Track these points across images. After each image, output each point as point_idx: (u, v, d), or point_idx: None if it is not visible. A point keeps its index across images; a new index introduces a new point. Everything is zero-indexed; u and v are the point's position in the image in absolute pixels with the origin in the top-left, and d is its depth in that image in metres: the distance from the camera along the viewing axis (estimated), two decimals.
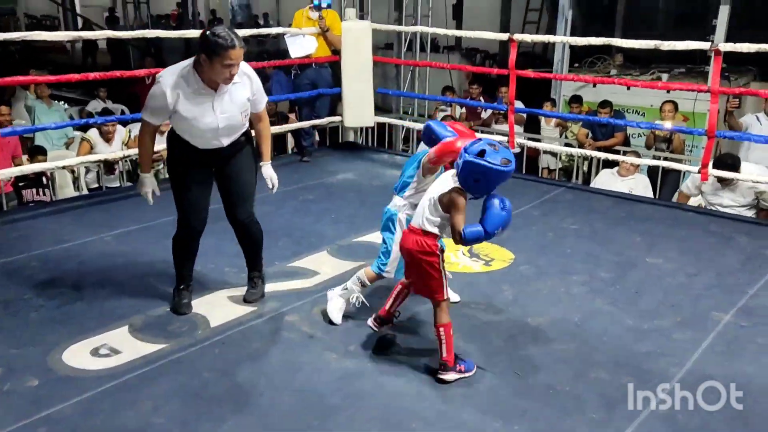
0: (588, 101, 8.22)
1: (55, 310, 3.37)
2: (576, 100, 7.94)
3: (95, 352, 2.98)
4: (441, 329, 2.75)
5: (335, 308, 3.24)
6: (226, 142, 3.21)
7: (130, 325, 3.23)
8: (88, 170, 6.56)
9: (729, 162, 4.77)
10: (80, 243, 4.22)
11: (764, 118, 5.78)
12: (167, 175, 3.47)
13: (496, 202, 2.62)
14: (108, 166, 6.30)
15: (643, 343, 3.04)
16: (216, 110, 3.09)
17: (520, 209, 4.84)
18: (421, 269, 2.77)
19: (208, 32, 2.98)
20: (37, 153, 6.16)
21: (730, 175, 4.64)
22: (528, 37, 5.40)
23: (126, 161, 6.29)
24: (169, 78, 3.03)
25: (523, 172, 6.51)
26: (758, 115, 5.87)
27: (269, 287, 3.61)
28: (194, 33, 5.54)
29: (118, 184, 6.61)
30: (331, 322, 3.21)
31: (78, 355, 2.95)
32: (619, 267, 3.88)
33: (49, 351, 2.96)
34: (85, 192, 6.17)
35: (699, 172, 4.64)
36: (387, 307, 3.01)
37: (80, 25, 15.87)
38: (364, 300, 3.22)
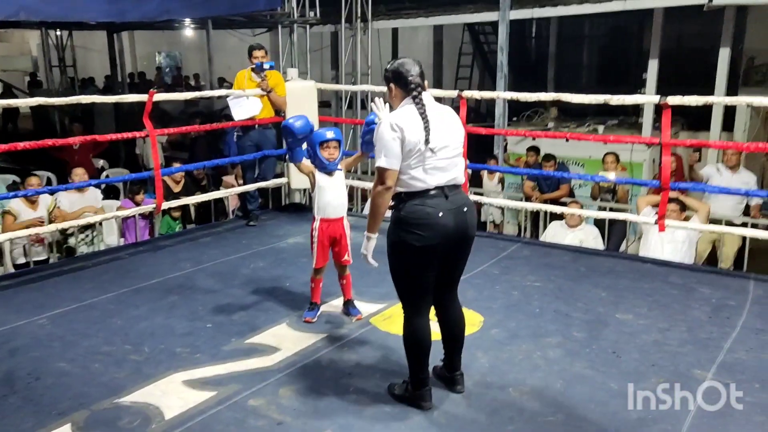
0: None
1: None
2: (533, 149, 8.04)
3: None
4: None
5: None
6: None
7: (73, 422, 2.87)
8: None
9: None
10: (10, 328, 3.81)
11: (724, 169, 5.96)
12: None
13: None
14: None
15: (632, 409, 2.91)
16: None
17: (480, 267, 4.74)
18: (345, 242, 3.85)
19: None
20: None
21: (689, 225, 4.70)
22: (477, 94, 5.41)
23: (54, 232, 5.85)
24: None
25: None
26: (718, 165, 6.06)
27: (228, 367, 3.32)
28: (131, 98, 5.29)
29: (46, 257, 6.17)
30: None
31: None
32: (591, 326, 3.78)
33: None
34: (11, 269, 5.67)
35: (656, 223, 4.68)
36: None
37: (0, 90, 15.17)
38: None
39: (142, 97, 5.08)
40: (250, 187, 6.03)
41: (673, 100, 4.42)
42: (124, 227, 6.83)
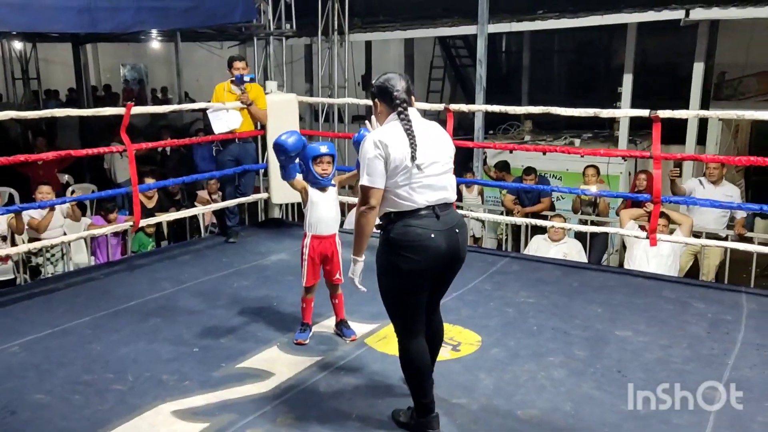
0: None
1: None
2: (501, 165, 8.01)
3: None
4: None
5: None
6: None
7: None
8: None
9: None
10: None
11: (707, 183, 5.97)
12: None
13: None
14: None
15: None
16: None
17: (472, 284, 4.65)
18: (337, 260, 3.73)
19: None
20: None
21: (680, 240, 4.68)
22: (465, 107, 5.33)
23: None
24: None
25: None
26: (701, 179, 6.07)
27: (220, 395, 3.13)
28: (107, 111, 5.07)
29: (12, 276, 5.88)
30: None
31: None
32: (592, 343, 3.71)
33: None
34: None
35: (647, 237, 4.65)
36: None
37: None
38: None
39: (119, 110, 4.87)
40: (230, 202, 5.84)
41: (664, 113, 4.40)
42: (94, 245, 6.56)
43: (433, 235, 2.65)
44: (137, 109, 5.06)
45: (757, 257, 5.16)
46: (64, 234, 5.90)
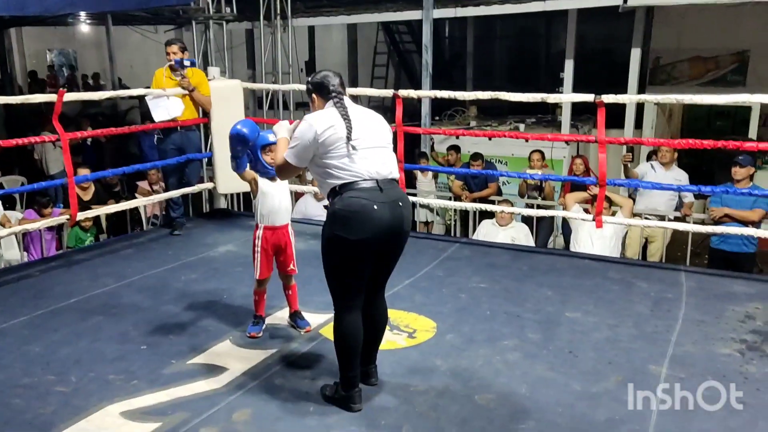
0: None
1: None
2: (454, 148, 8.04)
3: None
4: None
5: None
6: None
7: None
8: None
9: None
10: None
11: (658, 167, 6.10)
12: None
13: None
14: None
15: (599, 410, 2.89)
16: None
17: (424, 270, 4.66)
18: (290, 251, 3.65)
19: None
20: None
21: (624, 221, 4.81)
22: (413, 93, 5.30)
23: None
24: None
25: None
26: (653, 163, 6.21)
27: (171, 393, 3.03)
28: (38, 98, 4.80)
29: None
30: None
31: None
32: (544, 326, 3.76)
33: None
34: None
35: (594, 220, 4.76)
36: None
37: None
38: None
39: (50, 98, 4.63)
40: (174, 193, 5.65)
41: (608, 98, 4.48)
42: (27, 241, 6.27)
43: (376, 207, 2.73)
44: (70, 96, 4.81)
45: (692, 236, 5.36)
46: None
